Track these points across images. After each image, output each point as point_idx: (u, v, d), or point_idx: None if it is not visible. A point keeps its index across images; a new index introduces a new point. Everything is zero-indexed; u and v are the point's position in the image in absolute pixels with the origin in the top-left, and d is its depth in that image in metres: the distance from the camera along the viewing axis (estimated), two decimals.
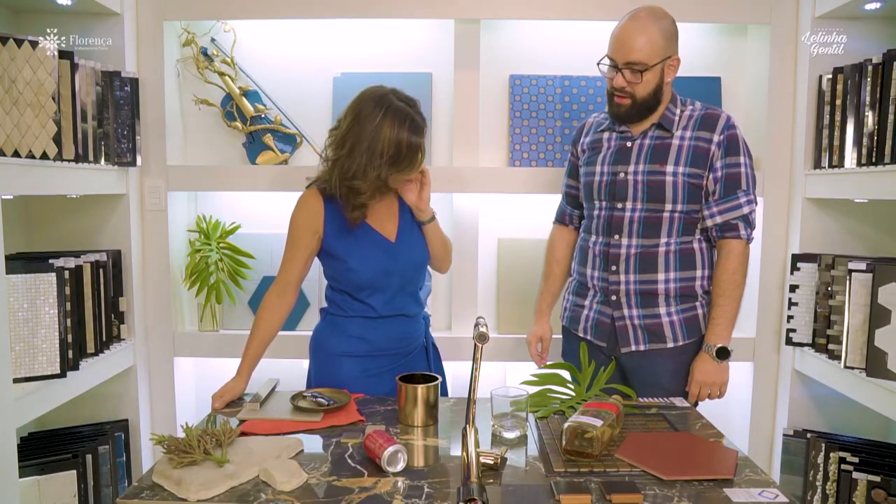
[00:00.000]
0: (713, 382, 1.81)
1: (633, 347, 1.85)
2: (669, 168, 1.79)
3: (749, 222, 1.82)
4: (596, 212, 1.88)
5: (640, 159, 1.81)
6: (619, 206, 1.83)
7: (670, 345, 1.84)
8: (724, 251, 1.82)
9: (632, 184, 1.81)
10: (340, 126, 1.74)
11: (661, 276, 1.82)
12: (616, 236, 1.83)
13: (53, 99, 1.83)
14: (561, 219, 2.08)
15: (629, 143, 1.84)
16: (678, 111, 1.83)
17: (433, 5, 2.34)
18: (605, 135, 1.90)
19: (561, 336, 2.06)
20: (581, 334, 1.93)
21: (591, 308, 1.91)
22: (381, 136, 1.67)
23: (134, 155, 2.26)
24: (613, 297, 1.85)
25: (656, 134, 1.83)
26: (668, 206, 1.80)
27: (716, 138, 1.79)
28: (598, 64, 1.82)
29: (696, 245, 1.85)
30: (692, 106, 1.86)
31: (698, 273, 1.85)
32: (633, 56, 1.74)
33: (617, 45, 1.77)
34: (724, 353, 1.80)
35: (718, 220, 1.81)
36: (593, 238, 1.89)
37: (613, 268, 1.84)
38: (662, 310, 1.84)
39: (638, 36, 1.73)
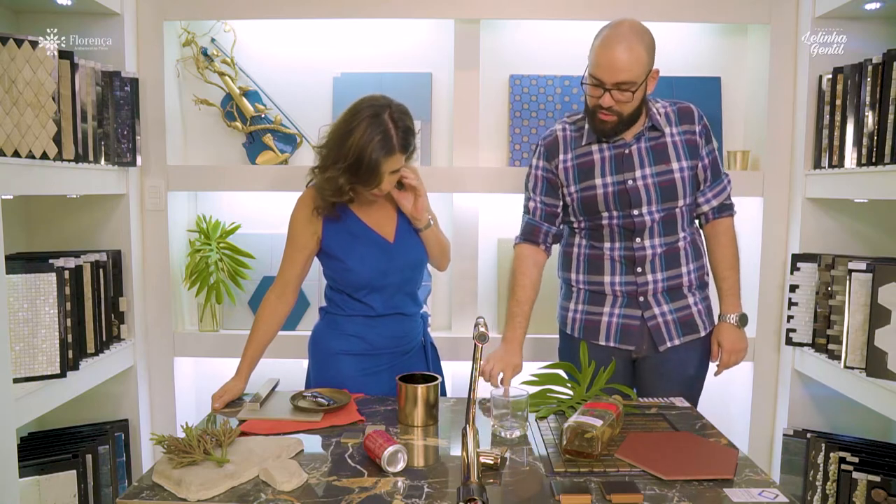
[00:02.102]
0: (741, 349, 1.92)
1: (669, 343, 1.86)
2: (675, 165, 1.82)
3: (731, 198, 1.95)
4: (605, 221, 1.84)
5: (645, 163, 1.81)
6: (636, 212, 1.81)
7: (702, 333, 1.90)
8: (720, 229, 1.92)
9: (643, 188, 1.80)
10: None
11: (683, 269, 1.87)
12: (638, 239, 1.83)
13: (53, 99, 1.84)
14: (532, 238, 1.92)
15: (627, 150, 1.82)
16: (655, 110, 1.85)
17: (433, 5, 2.34)
18: (595, 147, 1.85)
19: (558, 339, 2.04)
20: (603, 342, 1.88)
21: (612, 314, 1.88)
22: (350, 139, 1.64)
23: (134, 155, 2.26)
24: (641, 298, 1.85)
25: (650, 135, 1.84)
26: (680, 202, 1.83)
27: (697, 129, 1.85)
28: (581, 83, 1.78)
29: (696, 235, 1.93)
30: (659, 103, 1.88)
31: (703, 261, 1.94)
32: (622, 77, 1.70)
33: (605, 67, 1.70)
34: (745, 320, 1.92)
35: (714, 203, 1.90)
36: (608, 245, 1.85)
37: (639, 269, 1.84)
38: (690, 300, 1.89)
39: (626, 56, 1.69)
